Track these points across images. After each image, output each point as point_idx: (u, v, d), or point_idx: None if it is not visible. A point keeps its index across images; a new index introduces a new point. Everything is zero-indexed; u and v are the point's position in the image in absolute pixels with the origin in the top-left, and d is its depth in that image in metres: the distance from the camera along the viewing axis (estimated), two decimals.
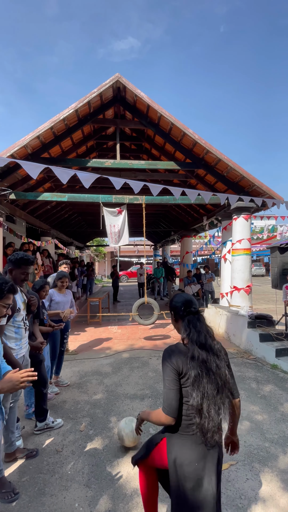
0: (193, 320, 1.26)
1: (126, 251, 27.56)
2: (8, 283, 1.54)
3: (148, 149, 7.57)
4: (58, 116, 4.97)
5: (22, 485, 1.94)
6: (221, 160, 5.44)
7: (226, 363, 1.25)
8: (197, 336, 1.21)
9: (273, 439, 2.44)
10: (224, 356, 1.26)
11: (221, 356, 1.24)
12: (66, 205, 9.70)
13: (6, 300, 1.54)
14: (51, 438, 2.46)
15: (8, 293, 1.54)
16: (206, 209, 8.01)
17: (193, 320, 1.26)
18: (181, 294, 1.39)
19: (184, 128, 5.30)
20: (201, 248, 12.17)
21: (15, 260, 2.10)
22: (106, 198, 5.60)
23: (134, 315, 5.49)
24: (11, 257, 2.12)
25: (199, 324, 1.25)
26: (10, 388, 1.30)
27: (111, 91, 5.57)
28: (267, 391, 3.32)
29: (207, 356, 1.19)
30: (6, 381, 1.31)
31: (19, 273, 2.12)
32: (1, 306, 1.52)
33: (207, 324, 1.29)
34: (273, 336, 4.49)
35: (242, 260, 5.72)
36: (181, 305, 1.32)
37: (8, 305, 1.56)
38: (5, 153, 4.78)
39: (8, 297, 1.54)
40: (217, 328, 6.15)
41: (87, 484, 1.95)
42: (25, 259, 2.12)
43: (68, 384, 3.53)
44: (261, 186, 5.46)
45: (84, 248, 18.38)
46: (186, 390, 1.18)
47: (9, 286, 1.54)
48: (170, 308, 1.40)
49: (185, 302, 1.33)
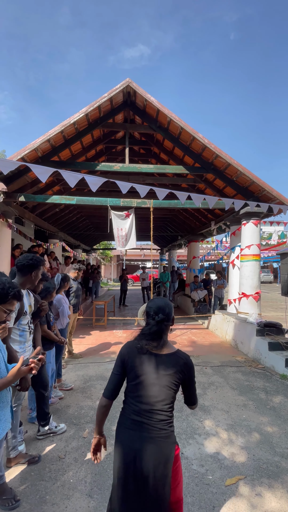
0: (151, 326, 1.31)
1: (133, 254, 27.56)
2: (14, 288, 1.47)
3: (157, 153, 7.57)
4: (69, 120, 5.02)
5: (23, 492, 1.90)
6: (230, 164, 5.39)
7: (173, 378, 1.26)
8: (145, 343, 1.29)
9: (283, 454, 2.34)
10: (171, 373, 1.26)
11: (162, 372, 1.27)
12: (74, 208, 9.77)
13: (9, 306, 1.47)
14: (53, 444, 2.41)
15: (13, 299, 1.47)
16: (214, 213, 7.94)
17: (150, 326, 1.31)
18: (156, 300, 1.40)
19: (194, 132, 5.28)
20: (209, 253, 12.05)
21: (28, 265, 2.03)
22: (114, 202, 5.60)
23: (139, 319, 5.43)
24: (24, 262, 2.04)
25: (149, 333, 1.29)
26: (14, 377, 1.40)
27: (121, 96, 5.61)
28: (276, 402, 3.21)
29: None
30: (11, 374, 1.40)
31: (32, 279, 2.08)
32: (2, 310, 1.46)
33: (160, 332, 1.30)
34: (282, 345, 4.37)
35: (251, 266, 5.62)
36: (151, 311, 1.34)
37: (9, 311, 1.49)
38: (16, 155, 4.84)
39: (11, 303, 1.48)
40: (225, 335, 6.03)
41: (89, 494, 1.89)
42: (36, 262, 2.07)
43: (72, 387, 3.49)
44: (271, 191, 5.38)
45: (91, 251, 18.46)
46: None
47: (15, 292, 1.47)
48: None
49: (156, 309, 1.33)
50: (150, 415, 1.23)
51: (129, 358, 1.30)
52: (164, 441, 1.22)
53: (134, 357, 1.29)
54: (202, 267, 12.96)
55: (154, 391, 1.24)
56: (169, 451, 1.22)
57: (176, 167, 6.19)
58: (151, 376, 1.25)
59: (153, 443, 1.20)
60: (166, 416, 1.25)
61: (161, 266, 15.78)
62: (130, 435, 1.23)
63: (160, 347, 1.29)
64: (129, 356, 1.30)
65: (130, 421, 1.26)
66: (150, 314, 1.33)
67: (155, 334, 1.29)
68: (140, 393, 1.25)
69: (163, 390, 1.24)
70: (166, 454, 1.20)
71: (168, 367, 1.27)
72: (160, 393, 1.24)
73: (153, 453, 1.18)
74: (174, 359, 1.29)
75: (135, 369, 1.27)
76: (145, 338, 1.30)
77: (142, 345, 1.29)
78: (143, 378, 1.25)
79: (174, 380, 1.26)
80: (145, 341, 1.29)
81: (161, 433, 1.22)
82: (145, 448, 1.19)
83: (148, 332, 1.29)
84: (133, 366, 1.28)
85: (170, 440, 1.24)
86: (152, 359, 1.27)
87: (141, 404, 1.24)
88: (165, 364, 1.27)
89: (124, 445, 1.24)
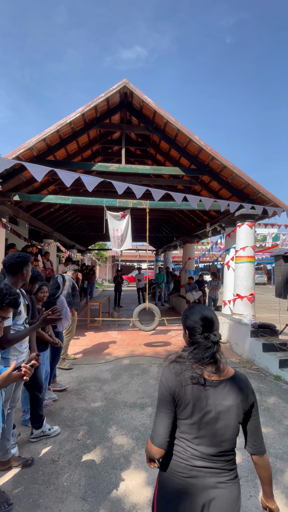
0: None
1: (128, 255, 27.54)
2: (11, 295, 1.42)
3: (153, 154, 7.59)
4: (65, 119, 4.99)
5: (16, 495, 1.87)
6: (226, 167, 5.43)
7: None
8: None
9: (277, 454, 2.35)
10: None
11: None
12: (69, 208, 9.71)
13: (3, 313, 1.42)
14: (47, 447, 2.38)
15: (8, 306, 1.42)
16: (210, 215, 7.99)
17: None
18: (202, 310, 1.12)
19: (190, 134, 5.31)
20: (203, 254, 12.10)
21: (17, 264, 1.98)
22: (110, 202, 5.58)
23: (135, 320, 5.42)
24: (10, 261, 1.97)
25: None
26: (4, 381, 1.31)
27: (118, 96, 5.61)
28: (270, 403, 3.23)
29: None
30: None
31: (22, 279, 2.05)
32: None
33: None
34: (276, 346, 4.40)
35: (246, 268, 5.66)
36: (200, 326, 1.08)
37: (3, 318, 1.44)
38: (11, 154, 4.79)
39: (6, 310, 1.43)
40: None
41: (83, 497, 1.87)
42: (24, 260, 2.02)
43: (66, 387, 3.45)
44: (266, 193, 5.44)
45: (86, 252, 18.36)
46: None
47: (10, 300, 1.41)
48: (183, 325, 1.16)
49: (208, 324, 1.08)
50: (218, 458, 1.00)
51: (180, 390, 1.01)
52: (234, 482, 1.01)
53: (186, 388, 1.00)
54: (198, 268, 13.01)
55: (220, 429, 0.99)
56: (239, 491, 1.02)
57: (172, 169, 6.21)
58: (213, 411, 0.99)
59: (224, 488, 0.99)
60: (233, 455, 1.04)
61: (157, 267, 15.79)
62: (192, 484, 0.98)
63: (217, 371, 1.03)
64: (180, 388, 1.01)
65: (189, 469, 0.99)
66: (200, 331, 1.07)
67: (212, 358, 1.03)
68: (201, 433, 0.99)
69: (230, 426, 0.99)
70: (237, 495, 1.01)
71: (231, 396, 1.01)
72: (227, 430, 0.99)
73: (226, 498, 0.98)
74: (237, 384, 1.03)
75: (190, 404, 1.00)
76: (199, 362, 1.03)
77: (198, 373, 1.01)
78: (203, 414, 0.99)
79: (241, 412, 1.02)
80: (200, 366, 1.03)
81: (231, 474, 1.01)
82: (218, 496, 0.97)
83: (202, 356, 1.02)
84: (187, 400, 1.00)
85: (237, 479, 1.04)
86: (210, 389, 1.01)
87: (205, 448, 0.99)
88: (228, 392, 1.01)
89: (184, 498, 0.98)
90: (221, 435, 0.99)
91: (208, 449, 0.99)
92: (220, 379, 1.03)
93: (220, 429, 0.99)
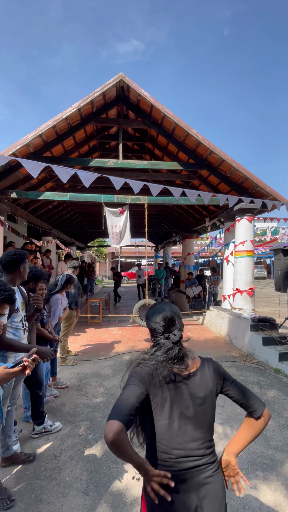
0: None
1: (127, 252, 27.51)
2: (7, 291, 1.40)
3: (151, 149, 7.52)
4: (61, 115, 4.93)
5: (18, 491, 1.88)
6: (224, 161, 5.38)
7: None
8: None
9: (277, 446, 2.37)
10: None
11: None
12: (67, 205, 9.66)
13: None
14: (49, 443, 2.40)
15: (3, 303, 1.41)
16: (209, 210, 7.95)
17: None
18: (159, 307, 1.10)
19: (188, 128, 5.25)
20: (203, 250, 12.08)
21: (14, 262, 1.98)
22: (108, 198, 5.55)
23: (135, 316, 5.43)
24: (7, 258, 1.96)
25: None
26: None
27: (115, 91, 5.53)
28: (270, 396, 3.25)
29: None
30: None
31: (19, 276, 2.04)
32: None
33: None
34: (276, 339, 4.42)
35: (245, 262, 5.65)
36: (160, 326, 1.05)
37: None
38: (7, 151, 4.74)
39: (2, 306, 1.42)
40: (219, 330, 6.07)
41: (85, 492, 1.88)
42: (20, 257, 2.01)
43: (67, 385, 3.47)
44: (265, 187, 5.40)
45: (85, 249, 18.34)
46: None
47: (5, 296, 1.40)
48: (146, 323, 1.12)
49: (168, 322, 1.04)
50: (200, 451, 0.97)
51: (153, 389, 0.96)
52: (218, 472, 1.00)
53: (161, 389, 0.97)
54: (197, 263, 13.01)
55: (199, 421, 0.98)
56: (223, 479, 1.02)
57: (170, 163, 6.16)
58: (191, 405, 0.97)
59: (212, 482, 0.97)
60: (214, 445, 1.02)
61: (156, 263, 15.79)
62: (182, 490, 0.94)
63: (186, 366, 1.01)
64: (153, 388, 0.96)
65: (177, 474, 0.93)
66: (161, 331, 1.04)
67: (175, 359, 1.00)
68: (182, 430, 0.97)
69: (207, 416, 0.99)
70: (222, 484, 1.00)
71: (203, 385, 1.00)
72: (206, 419, 0.99)
73: (215, 490, 0.97)
74: (206, 371, 1.03)
75: (167, 403, 0.96)
76: (167, 363, 0.99)
77: (170, 372, 0.98)
78: (181, 411, 0.97)
79: (214, 397, 1.01)
80: (169, 365, 0.98)
81: (215, 465, 1.00)
82: (208, 494, 0.96)
83: (163, 359, 0.98)
84: (162, 399, 0.96)
85: (220, 468, 1.02)
86: (183, 385, 0.98)
87: (188, 443, 0.96)
88: (200, 383, 1.00)
89: (177, 507, 0.93)
90: (201, 426, 0.98)
91: (191, 445, 0.97)
92: (191, 371, 1.01)
93: (200, 421, 0.98)
